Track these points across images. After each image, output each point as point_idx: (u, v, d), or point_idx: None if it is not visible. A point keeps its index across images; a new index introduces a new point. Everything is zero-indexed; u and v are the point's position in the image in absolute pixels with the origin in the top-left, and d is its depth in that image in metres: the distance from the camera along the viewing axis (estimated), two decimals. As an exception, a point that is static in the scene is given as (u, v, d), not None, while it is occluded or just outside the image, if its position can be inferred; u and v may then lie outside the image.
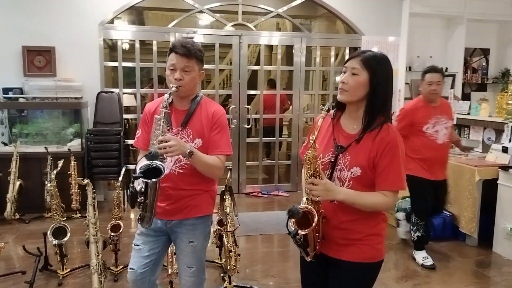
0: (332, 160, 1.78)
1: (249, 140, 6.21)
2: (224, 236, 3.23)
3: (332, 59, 6.32)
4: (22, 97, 5.12)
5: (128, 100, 6.43)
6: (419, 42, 6.21)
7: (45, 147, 4.54)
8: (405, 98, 6.25)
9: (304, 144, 1.90)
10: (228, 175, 3.44)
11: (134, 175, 1.89)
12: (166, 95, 2.04)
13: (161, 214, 2.16)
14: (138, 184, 1.94)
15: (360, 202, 1.72)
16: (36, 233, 4.05)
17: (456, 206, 4.33)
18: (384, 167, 1.71)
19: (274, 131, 6.40)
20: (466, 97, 6.06)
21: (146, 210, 1.98)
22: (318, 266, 1.87)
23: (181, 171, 2.13)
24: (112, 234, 3.38)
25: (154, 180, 1.88)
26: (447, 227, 4.40)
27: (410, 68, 6.22)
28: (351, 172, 1.74)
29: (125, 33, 5.60)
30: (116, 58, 5.67)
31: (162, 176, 1.88)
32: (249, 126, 6.07)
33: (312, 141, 1.69)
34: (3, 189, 4.65)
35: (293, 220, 1.69)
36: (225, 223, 3.18)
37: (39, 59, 5.28)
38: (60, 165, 3.95)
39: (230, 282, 3.26)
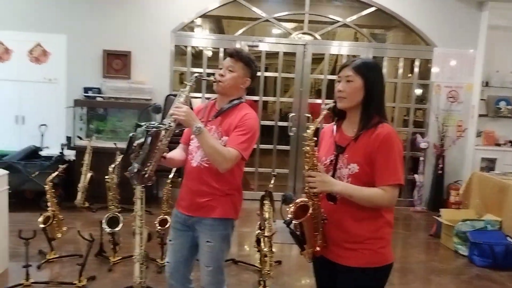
0: (333, 160, 1.84)
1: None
2: (261, 241, 3.29)
3: (401, 70, 6.12)
4: (100, 96, 5.61)
5: (196, 104, 6.75)
6: (499, 56, 5.82)
7: (114, 143, 4.93)
8: (480, 115, 5.89)
9: None
10: (272, 181, 3.52)
11: (137, 123, 2.01)
12: (197, 74, 2.30)
13: (184, 207, 2.30)
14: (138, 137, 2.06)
15: (357, 194, 1.76)
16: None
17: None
18: (381, 163, 1.76)
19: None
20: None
21: (137, 161, 2.03)
22: (328, 269, 1.89)
23: (207, 165, 2.22)
24: (160, 228, 3.59)
25: (152, 130, 1.98)
26: (510, 255, 4.07)
27: (487, 84, 5.84)
28: (349, 169, 1.80)
29: (194, 40, 5.92)
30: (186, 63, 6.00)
31: (160, 130, 2.01)
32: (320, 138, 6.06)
33: (309, 135, 1.77)
34: (76, 179, 5.12)
35: (290, 209, 1.77)
36: (262, 228, 3.24)
37: (116, 62, 5.76)
38: (119, 159, 4.27)
39: (264, 286, 3.31)
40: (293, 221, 1.76)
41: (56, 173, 3.92)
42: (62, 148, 5.23)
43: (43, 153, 5.39)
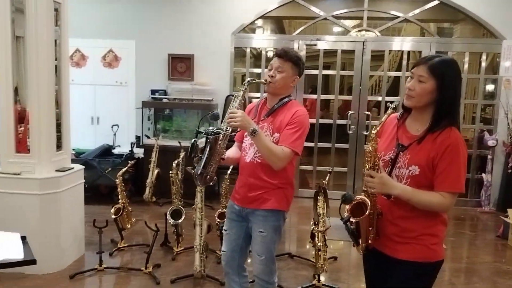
0: (393, 158, 1.83)
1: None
2: (315, 236, 3.36)
3: (466, 65, 5.87)
4: (165, 98, 5.95)
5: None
6: None
7: (179, 142, 5.22)
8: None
9: None
10: (327, 177, 3.58)
11: (198, 129, 2.20)
12: (249, 78, 2.41)
13: (238, 200, 2.44)
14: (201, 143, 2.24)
15: (415, 199, 1.75)
16: (164, 215, 4.71)
17: None
18: (444, 169, 1.72)
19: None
20: None
21: (201, 166, 2.22)
22: (376, 261, 1.93)
23: (259, 160, 2.34)
24: (219, 220, 3.78)
25: (211, 136, 2.16)
26: None
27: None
28: (409, 171, 1.77)
29: (253, 41, 6.08)
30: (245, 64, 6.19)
31: (218, 136, 2.18)
32: (369, 132, 6.01)
33: (374, 135, 1.77)
34: (144, 175, 5.48)
35: (347, 207, 1.81)
36: (316, 223, 3.31)
37: (180, 65, 6.08)
38: (181, 156, 4.52)
39: (319, 281, 3.38)
40: (351, 219, 1.80)
41: (125, 168, 4.22)
42: (132, 146, 5.61)
43: (115, 151, 5.83)
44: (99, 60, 6.23)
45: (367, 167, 1.79)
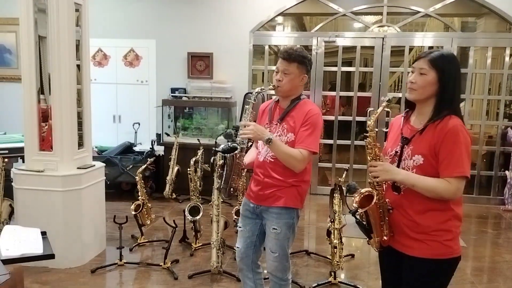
0: (398, 152, 1.87)
1: (387, 144, 6.06)
2: (331, 233, 3.36)
3: (489, 60, 5.73)
4: (185, 96, 6.02)
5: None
6: None
7: (198, 139, 5.28)
8: None
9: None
10: (344, 175, 3.56)
11: (216, 149, 2.26)
12: (258, 89, 2.44)
13: (253, 198, 2.47)
14: (220, 159, 2.34)
15: (420, 185, 1.77)
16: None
17: None
18: (446, 155, 1.74)
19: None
20: None
21: (223, 181, 2.34)
22: (392, 258, 1.94)
23: (272, 160, 2.37)
24: (236, 217, 3.82)
25: (228, 155, 2.26)
26: None
27: None
28: (413, 160, 1.81)
29: (272, 38, 6.08)
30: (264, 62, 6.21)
31: (235, 153, 2.25)
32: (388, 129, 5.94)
33: (371, 126, 1.81)
34: (165, 172, 5.57)
35: (356, 199, 1.85)
36: (332, 220, 3.31)
37: (200, 64, 6.14)
38: (199, 153, 4.58)
39: (335, 278, 3.38)
40: (358, 210, 1.84)
41: (145, 165, 4.31)
42: (152, 144, 5.71)
43: (136, 148, 5.94)
44: (120, 60, 6.34)
45: (369, 158, 1.84)
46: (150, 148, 5.72)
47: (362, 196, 1.87)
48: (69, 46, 3.45)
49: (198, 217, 3.86)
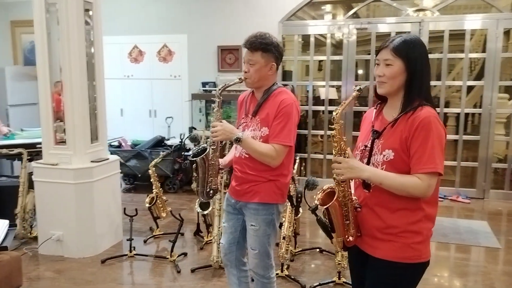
0: (368, 146, 1.73)
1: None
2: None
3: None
4: (215, 90, 6.01)
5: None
6: None
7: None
8: None
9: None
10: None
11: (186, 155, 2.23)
12: (221, 85, 2.37)
13: (232, 193, 2.41)
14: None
15: (387, 182, 1.62)
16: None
17: None
18: (417, 149, 1.59)
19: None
20: None
21: (198, 184, 2.32)
22: (359, 258, 1.80)
23: (247, 155, 2.28)
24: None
25: (193, 159, 2.24)
26: None
27: None
28: (383, 155, 1.67)
29: (301, 28, 5.90)
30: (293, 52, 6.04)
31: (202, 156, 2.22)
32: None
33: (337, 117, 1.66)
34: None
35: (318, 197, 1.73)
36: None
37: (229, 57, 6.12)
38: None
39: (339, 278, 3.21)
40: (319, 207, 1.72)
41: (158, 159, 4.38)
42: (181, 138, 5.79)
43: (168, 142, 6.06)
44: (154, 55, 6.49)
45: (334, 153, 1.69)
46: (180, 141, 5.80)
47: (324, 192, 1.75)
48: (78, 43, 3.56)
49: (207, 211, 3.84)
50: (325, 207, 1.69)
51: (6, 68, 6.37)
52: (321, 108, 6.08)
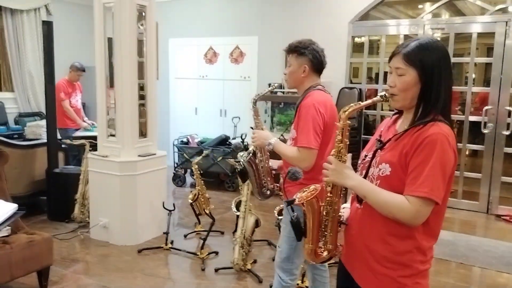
0: (371, 157, 1.55)
1: (508, 150, 4.98)
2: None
3: None
4: (280, 91, 5.99)
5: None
6: None
7: (281, 135, 5.21)
8: None
9: None
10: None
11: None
12: (255, 95, 2.62)
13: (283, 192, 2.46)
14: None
15: (371, 196, 1.44)
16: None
17: None
18: (415, 167, 1.38)
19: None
20: None
21: (255, 186, 2.46)
22: (347, 278, 1.62)
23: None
24: (278, 217, 3.67)
25: (241, 165, 2.39)
26: None
27: None
28: (379, 169, 1.47)
29: (371, 29, 5.59)
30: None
31: (246, 160, 2.36)
32: (510, 132, 4.88)
33: (342, 118, 1.50)
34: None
35: (301, 195, 1.58)
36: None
37: (297, 58, 6.01)
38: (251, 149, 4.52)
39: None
40: (295, 202, 1.55)
41: (199, 157, 4.50)
42: (242, 137, 5.85)
43: (233, 141, 6.17)
44: (227, 57, 6.66)
45: (332, 153, 1.54)
46: (241, 141, 5.87)
47: (309, 193, 1.56)
48: (130, 44, 3.80)
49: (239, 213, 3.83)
50: (301, 202, 1.52)
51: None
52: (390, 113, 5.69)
